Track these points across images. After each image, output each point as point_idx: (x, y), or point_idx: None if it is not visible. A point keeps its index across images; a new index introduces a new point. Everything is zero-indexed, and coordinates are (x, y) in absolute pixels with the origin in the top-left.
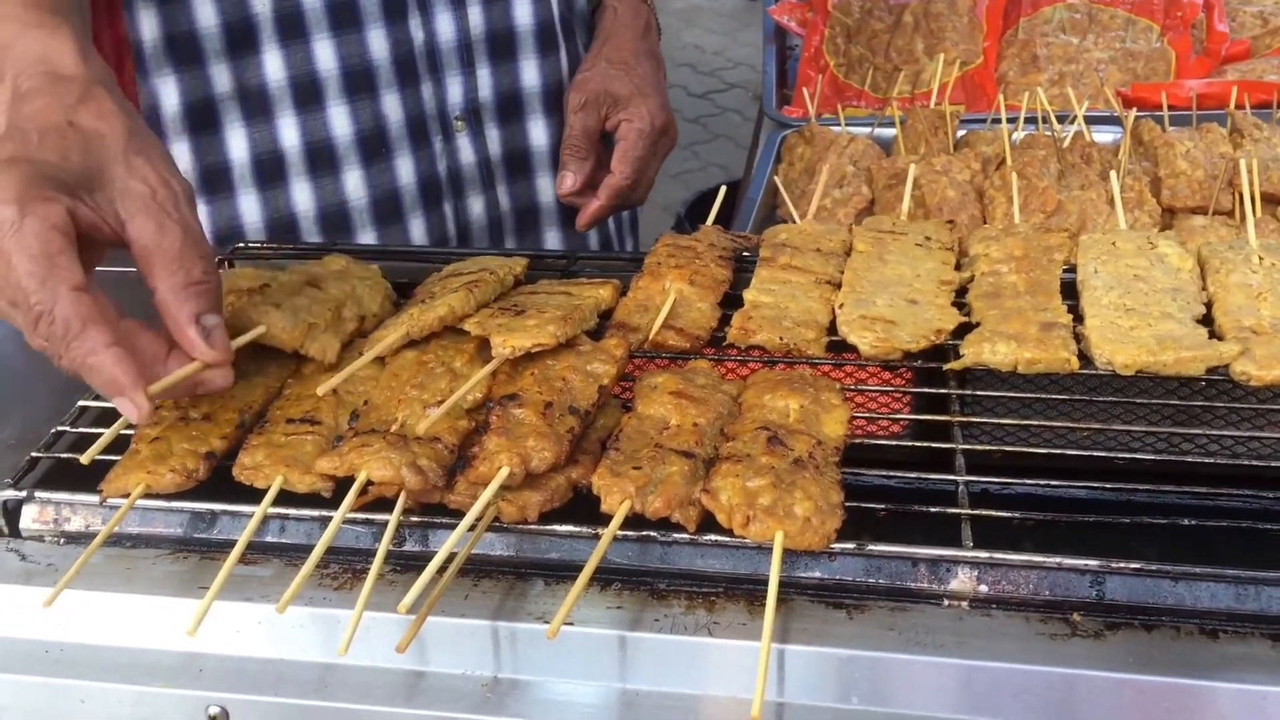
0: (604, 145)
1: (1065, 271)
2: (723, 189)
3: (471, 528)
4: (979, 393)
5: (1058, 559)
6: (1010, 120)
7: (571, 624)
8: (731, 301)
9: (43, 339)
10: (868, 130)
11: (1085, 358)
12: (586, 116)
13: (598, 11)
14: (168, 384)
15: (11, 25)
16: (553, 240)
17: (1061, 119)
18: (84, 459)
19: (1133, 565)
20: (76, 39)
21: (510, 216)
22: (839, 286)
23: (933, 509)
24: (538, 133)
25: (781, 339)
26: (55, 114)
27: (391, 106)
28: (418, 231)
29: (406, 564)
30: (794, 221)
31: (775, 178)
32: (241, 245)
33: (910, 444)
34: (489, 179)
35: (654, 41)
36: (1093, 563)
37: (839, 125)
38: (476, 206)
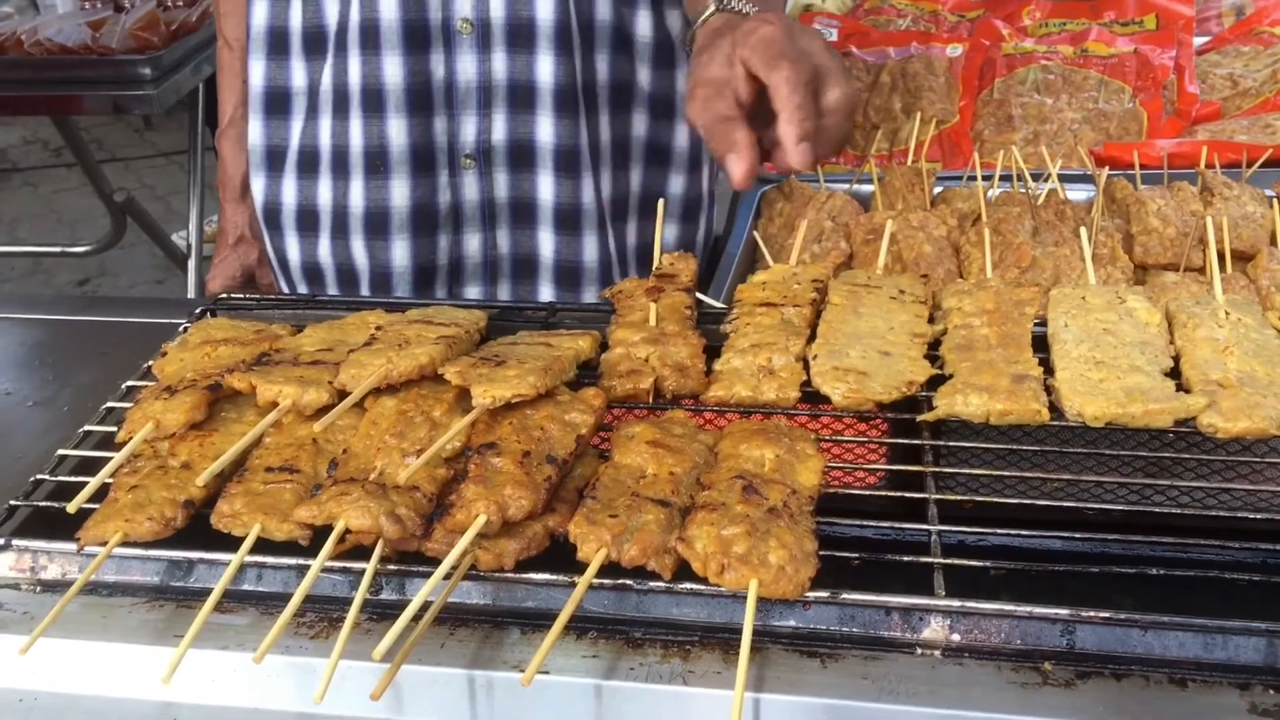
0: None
1: (1036, 325)
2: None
3: (448, 576)
4: (952, 444)
5: (1029, 608)
6: (986, 178)
7: (547, 672)
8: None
9: None
10: (846, 186)
11: (1056, 409)
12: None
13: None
14: None
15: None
16: (546, 294)
17: (1036, 177)
18: (70, 507)
19: (1102, 614)
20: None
21: (507, 261)
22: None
23: (905, 558)
24: (546, 188)
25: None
26: None
27: (396, 130)
28: (401, 252)
29: (383, 612)
30: None
31: (755, 232)
32: (224, 296)
33: (884, 494)
34: (490, 220)
35: None
36: (1063, 612)
37: (818, 181)
38: (473, 244)
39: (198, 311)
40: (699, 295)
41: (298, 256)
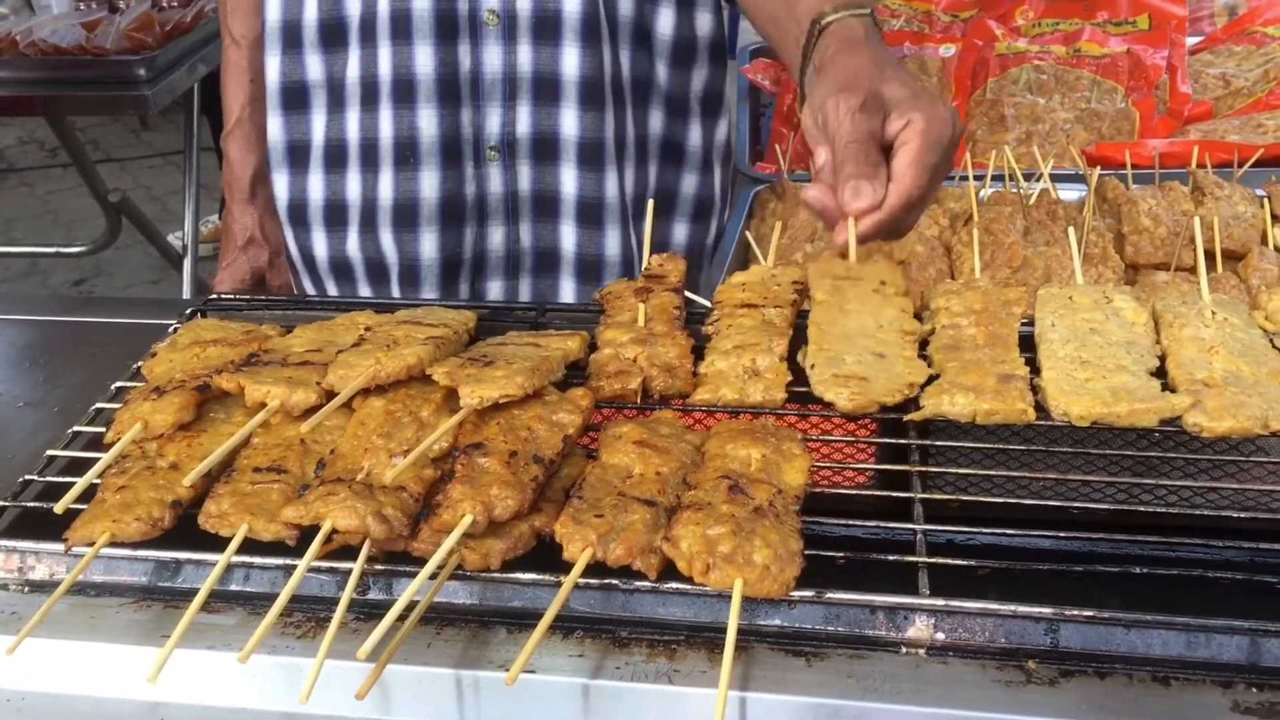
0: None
1: (1024, 325)
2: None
3: (434, 575)
4: (940, 443)
5: (1012, 607)
6: (978, 178)
7: (533, 671)
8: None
9: None
10: None
11: (1042, 409)
12: (869, 119)
13: (824, 34)
14: None
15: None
16: (567, 289)
17: (1028, 177)
18: (58, 508)
19: (1086, 613)
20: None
21: (530, 255)
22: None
23: (891, 557)
24: (569, 181)
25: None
26: None
27: (427, 121)
28: (429, 245)
29: (370, 612)
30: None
31: (747, 232)
32: (214, 297)
33: (870, 493)
34: (513, 213)
35: None
36: (1047, 610)
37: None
38: (496, 237)
39: (187, 312)
40: (689, 295)
41: (325, 252)
